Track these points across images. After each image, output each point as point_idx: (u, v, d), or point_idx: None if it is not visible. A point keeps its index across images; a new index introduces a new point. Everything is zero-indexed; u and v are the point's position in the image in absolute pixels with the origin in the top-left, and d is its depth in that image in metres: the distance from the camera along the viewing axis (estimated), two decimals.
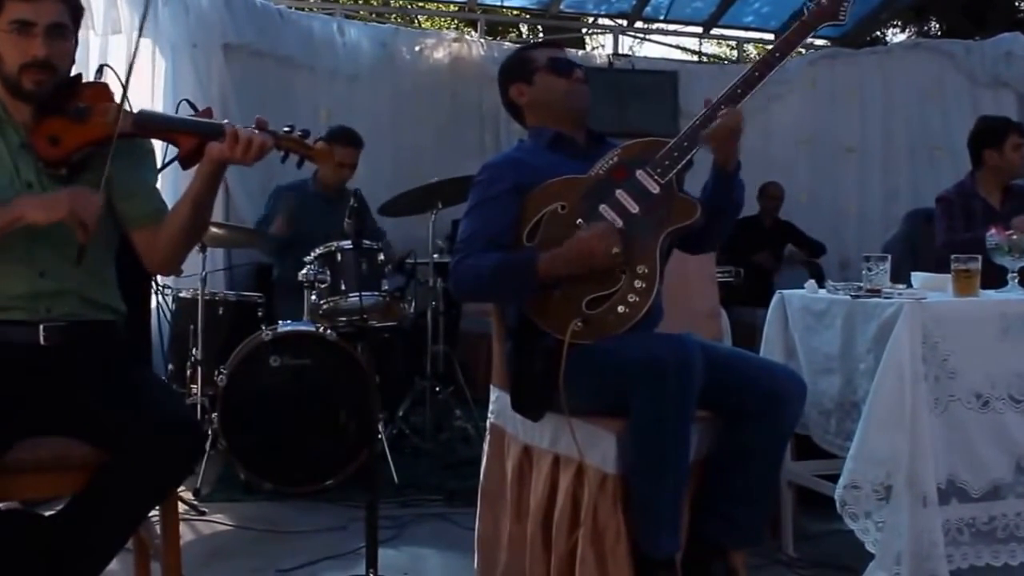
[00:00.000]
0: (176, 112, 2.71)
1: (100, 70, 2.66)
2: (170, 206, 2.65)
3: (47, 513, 2.32)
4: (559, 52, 3.12)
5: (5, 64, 2.44)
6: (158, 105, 5.65)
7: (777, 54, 2.80)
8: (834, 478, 3.06)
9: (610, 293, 2.73)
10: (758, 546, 2.98)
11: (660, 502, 2.57)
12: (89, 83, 2.54)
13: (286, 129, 2.53)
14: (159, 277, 4.57)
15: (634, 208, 2.79)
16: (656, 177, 2.80)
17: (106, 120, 2.46)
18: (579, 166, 2.90)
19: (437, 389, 5.26)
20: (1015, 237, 3.31)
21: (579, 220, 2.79)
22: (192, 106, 2.71)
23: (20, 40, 2.41)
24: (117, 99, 2.51)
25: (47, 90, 2.45)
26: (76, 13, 2.53)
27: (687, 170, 2.85)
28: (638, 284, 2.72)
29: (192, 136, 2.49)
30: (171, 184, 4.99)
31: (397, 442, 4.95)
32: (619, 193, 2.81)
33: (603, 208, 2.79)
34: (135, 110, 2.53)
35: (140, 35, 2.77)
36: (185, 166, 2.52)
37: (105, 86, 2.55)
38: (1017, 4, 13.63)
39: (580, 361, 2.66)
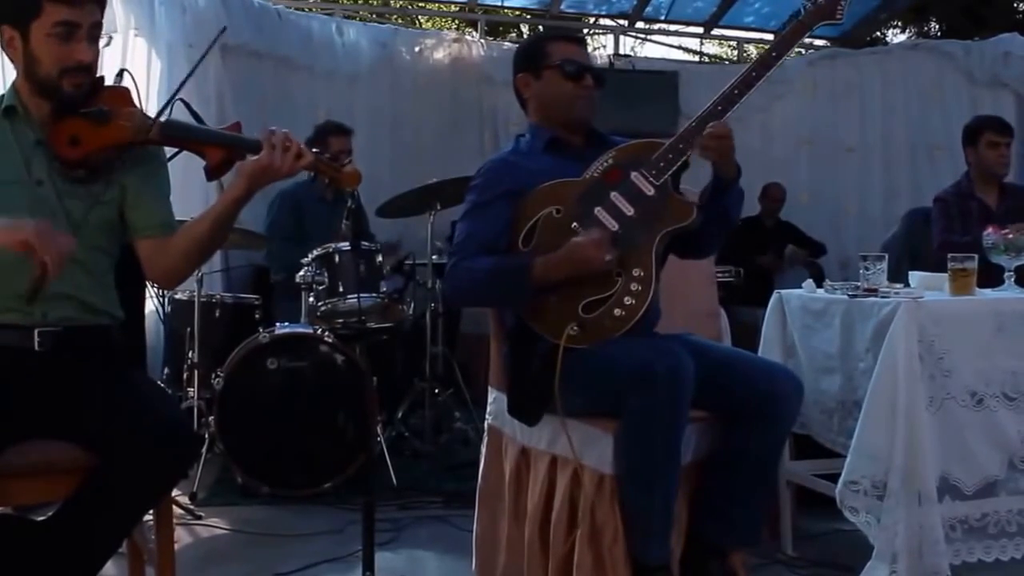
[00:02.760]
0: (171, 111, 2.69)
1: (120, 74, 2.64)
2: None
3: (39, 519, 2.30)
4: (577, 51, 3.01)
5: (42, 66, 2.40)
6: (153, 106, 5.62)
7: (774, 54, 2.78)
8: (833, 477, 3.07)
9: (606, 296, 2.71)
10: (755, 546, 2.97)
11: (650, 510, 2.57)
12: (110, 86, 2.52)
13: (315, 151, 2.51)
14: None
15: (629, 211, 2.77)
16: (651, 179, 2.78)
17: (129, 125, 2.44)
18: (576, 168, 2.87)
19: (436, 391, 5.23)
20: (1011, 236, 3.32)
21: (574, 224, 2.77)
22: (188, 106, 2.69)
23: (64, 44, 2.38)
24: (137, 104, 2.49)
25: (84, 92, 2.43)
26: (103, 9, 2.49)
27: (683, 171, 2.83)
28: (634, 287, 2.70)
29: (221, 149, 2.46)
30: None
31: (396, 444, 4.94)
32: (614, 196, 2.78)
33: (598, 211, 2.77)
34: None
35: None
36: (210, 178, 2.50)
37: (126, 90, 2.52)
38: (1015, 5, 13.62)
39: (575, 365, 2.64)
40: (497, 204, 2.86)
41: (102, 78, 2.51)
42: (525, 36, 13.25)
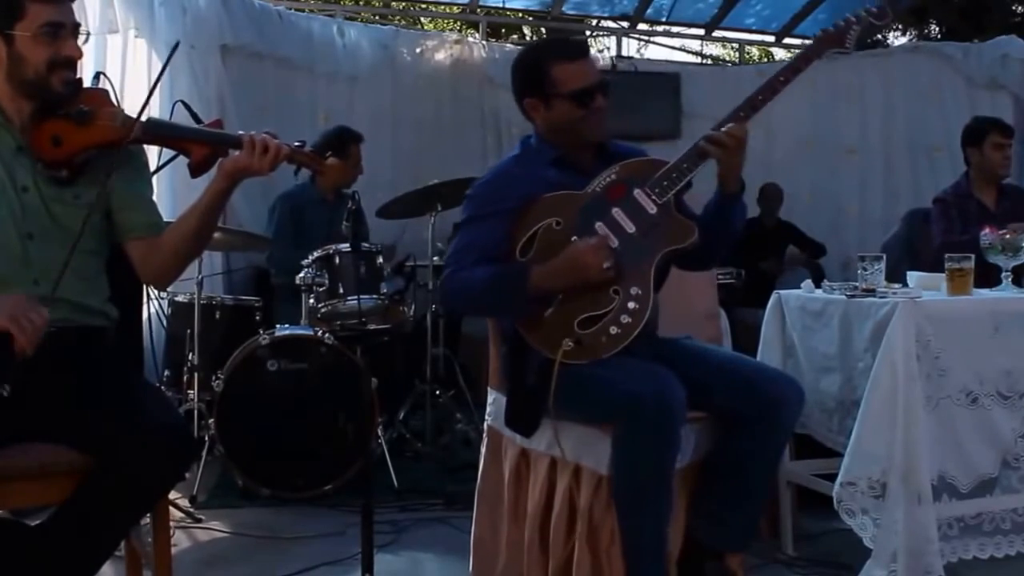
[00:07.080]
0: (172, 114, 2.70)
1: (97, 77, 2.65)
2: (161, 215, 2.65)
3: (34, 523, 2.29)
4: (582, 72, 2.86)
5: (28, 66, 2.40)
6: (153, 107, 5.60)
7: (782, 79, 2.78)
8: (833, 477, 3.07)
9: (603, 313, 2.69)
10: (748, 549, 2.96)
11: (641, 536, 2.59)
12: (88, 88, 2.53)
13: (297, 144, 2.53)
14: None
15: (630, 228, 2.76)
16: (654, 197, 2.77)
17: (112, 124, 2.45)
18: (581, 183, 2.84)
19: (437, 392, 5.22)
20: (1008, 236, 3.33)
21: (574, 237, 2.76)
22: (188, 107, 2.69)
23: (52, 43, 2.39)
24: (117, 104, 2.50)
25: (71, 90, 2.44)
26: None
27: (685, 191, 2.83)
28: (631, 305, 2.69)
29: (204, 145, 2.49)
30: (167, 194, 4.98)
31: (397, 446, 4.93)
32: (615, 212, 2.77)
33: (599, 226, 2.76)
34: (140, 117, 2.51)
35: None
36: (194, 174, 2.52)
37: (105, 92, 2.54)
38: (1013, 8, 13.63)
39: (568, 383, 2.64)
40: (497, 218, 2.83)
41: (81, 80, 2.52)
42: (528, 37, 13.24)
